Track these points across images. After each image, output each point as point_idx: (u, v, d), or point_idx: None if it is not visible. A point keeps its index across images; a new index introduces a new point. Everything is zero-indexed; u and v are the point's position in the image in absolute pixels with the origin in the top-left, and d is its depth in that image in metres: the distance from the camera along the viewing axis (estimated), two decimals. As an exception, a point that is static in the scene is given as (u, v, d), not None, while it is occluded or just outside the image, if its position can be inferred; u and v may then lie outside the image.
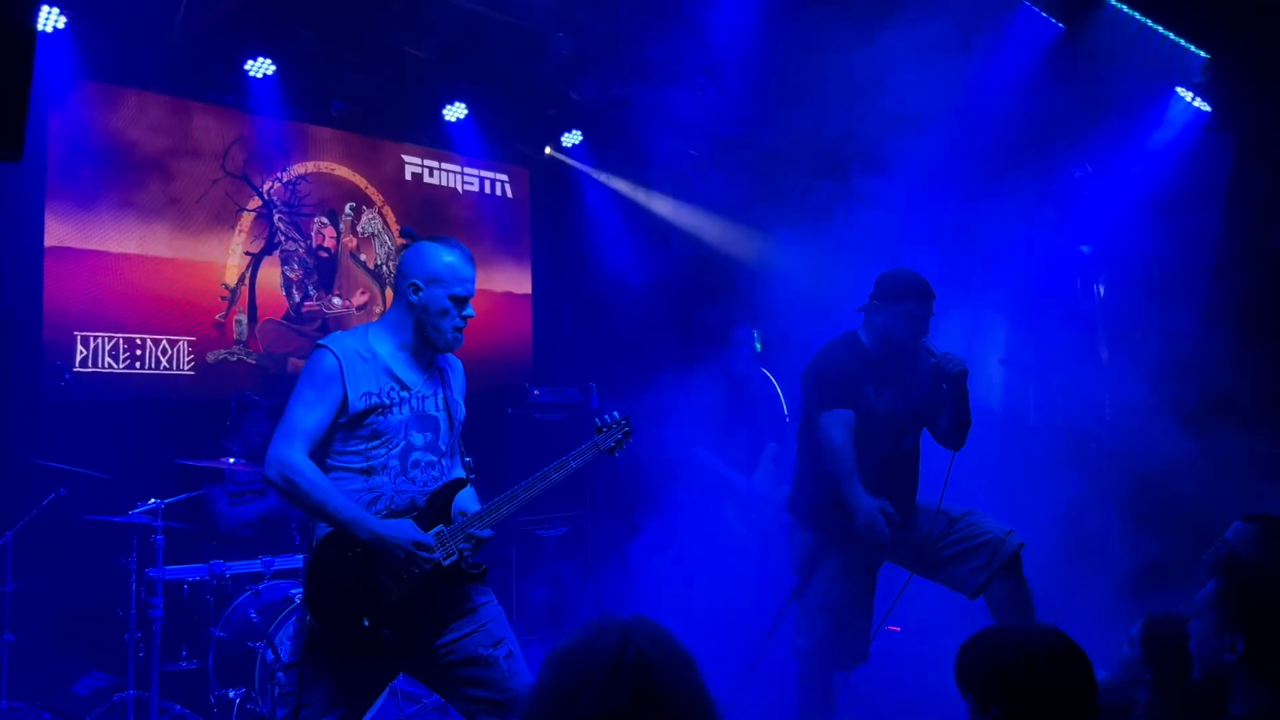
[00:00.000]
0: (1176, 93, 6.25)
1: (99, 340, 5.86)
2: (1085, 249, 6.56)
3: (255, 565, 5.06)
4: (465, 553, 2.99)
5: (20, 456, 5.16)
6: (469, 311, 3.08)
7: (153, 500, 4.72)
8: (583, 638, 1.43)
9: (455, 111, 7.29)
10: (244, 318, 6.50)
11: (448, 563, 2.95)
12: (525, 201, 8.16)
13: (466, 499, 3.13)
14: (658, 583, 5.56)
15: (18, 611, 4.72)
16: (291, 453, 2.88)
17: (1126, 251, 6.26)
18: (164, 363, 6.10)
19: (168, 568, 4.74)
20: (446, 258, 3.06)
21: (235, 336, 6.45)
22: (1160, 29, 5.57)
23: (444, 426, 3.12)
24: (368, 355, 3.02)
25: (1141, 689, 2.70)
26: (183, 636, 4.88)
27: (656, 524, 5.75)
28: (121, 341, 5.94)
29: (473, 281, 3.11)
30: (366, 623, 2.86)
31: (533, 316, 8.12)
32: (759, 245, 7.54)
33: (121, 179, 6.01)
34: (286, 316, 6.73)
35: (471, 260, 3.11)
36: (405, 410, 3.03)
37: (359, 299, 7.06)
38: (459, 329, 3.08)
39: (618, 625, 1.43)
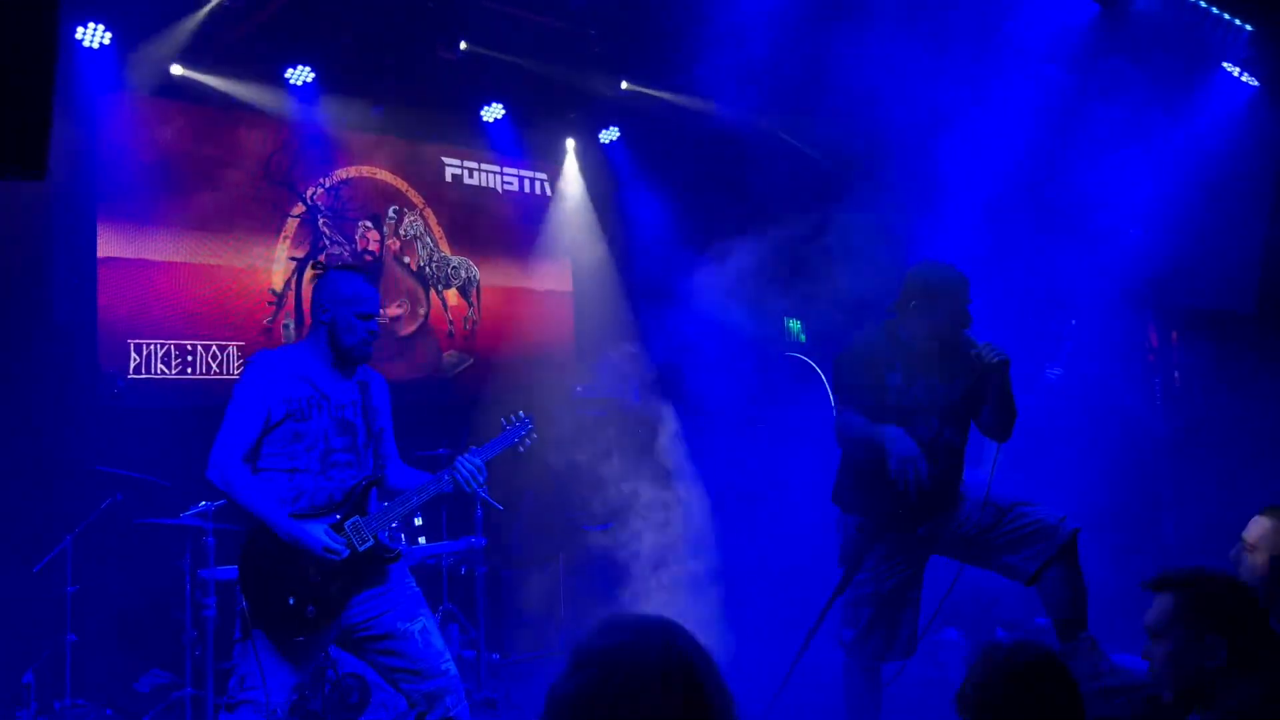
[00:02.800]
0: (1223, 68, 6.10)
1: (151, 347, 6.01)
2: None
3: (305, 564, 5.16)
4: (381, 539, 3.41)
5: (78, 462, 5.30)
6: (374, 326, 3.52)
7: (203, 503, 4.84)
8: (620, 641, 1.39)
9: (493, 112, 7.35)
10: (291, 322, 6.61)
11: (363, 548, 3.36)
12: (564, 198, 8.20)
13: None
14: (700, 578, 5.57)
15: (79, 612, 4.86)
16: (229, 458, 3.34)
17: (1175, 233, 6.13)
18: (214, 368, 6.23)
19: (219, 568, 4.85)
20: (350, 283, 3.53)
21: (283, 341, 6.56)
22: (1201, 3, 5.43)
23: (361, 431, 3.53)
24: (290, 368, 3.45)
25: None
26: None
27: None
28: (173, 348, 6.09)
29: (375, 301, 3.55)
30: (291, 601, 3.27)
31: (574, 313, 8.16)
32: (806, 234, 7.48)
33: (170, 190, 6.15)
34: (332, 320, 6.82)
35: (372, 284, 3.58)
36: (324, 417, 3.45)
37: (394, 310, 7.10)
38: (366, 342, 3.50)
39: (657, 627, 1.41)
